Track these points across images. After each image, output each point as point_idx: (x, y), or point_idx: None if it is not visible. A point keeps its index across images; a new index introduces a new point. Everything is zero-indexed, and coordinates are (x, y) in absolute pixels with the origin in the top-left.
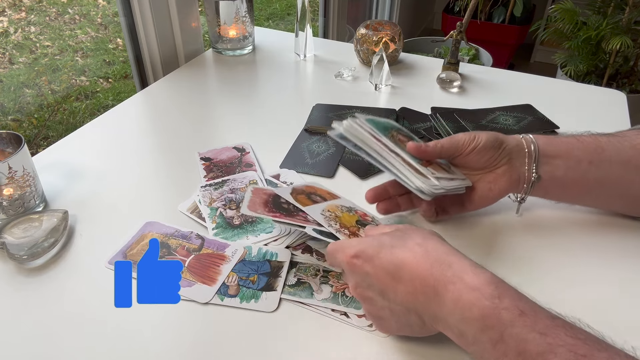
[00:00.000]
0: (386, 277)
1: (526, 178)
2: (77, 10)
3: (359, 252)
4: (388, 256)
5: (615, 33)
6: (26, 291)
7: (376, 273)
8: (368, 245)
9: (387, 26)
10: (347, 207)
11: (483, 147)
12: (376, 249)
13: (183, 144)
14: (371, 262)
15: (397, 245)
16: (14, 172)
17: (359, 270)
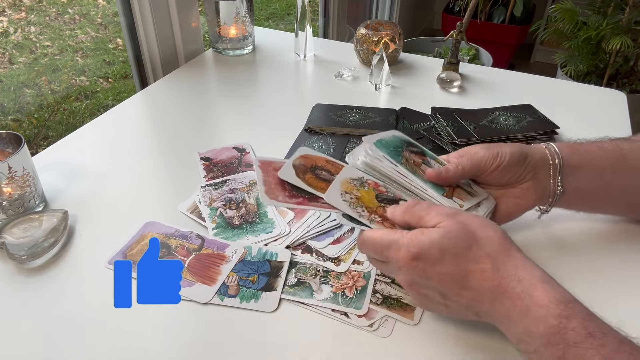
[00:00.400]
0: (450, 283)
1: (551, 191)
2: (77, 10)
3: (420, 255)
4: (453, 265)
5: (616, 33)
6: (26, 291)
7: (440, 279)
8: (429, 247)
9: (387, 26)
10: (357, 178)
11: (507, 165)
12: (439, 254)
13: (183, 144)
14: (434, 267)
15: (463, 254)
16: (14, 172)
17: (419, 273)
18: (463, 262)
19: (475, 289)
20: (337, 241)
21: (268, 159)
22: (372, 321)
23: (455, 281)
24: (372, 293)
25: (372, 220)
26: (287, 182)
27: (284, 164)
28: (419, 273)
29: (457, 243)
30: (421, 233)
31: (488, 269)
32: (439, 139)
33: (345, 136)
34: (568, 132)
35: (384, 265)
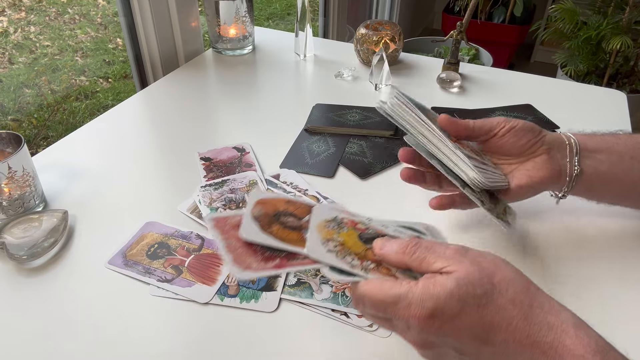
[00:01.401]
0: (471, 339)
1: (568, 171)
2: (77, 10)
3: (436, 313)
4: (475, 318)
5: (616, 33)
6: (26, 291)
7: (459, 335)
8: (446, 300)
9: (387, 26)
10: (331, 219)
11: (520, 129)
12: (458, 306)
13: (183, 144)
14: (452, 322)
15: (484, 304)
16: (13, 172)
17: (435, 331)
18: (486, 313)
19: (500, 343)
20: None
21: (221, 215)
22: None
23: (477, 336)
24: None
25: (366, 268)
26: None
27: (242, 219)
28: (435, 332)
29: (476, 290)
30: (433, 284)
31: (515, 317)
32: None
33: (345, 136)
34: None
35: (385, 323)
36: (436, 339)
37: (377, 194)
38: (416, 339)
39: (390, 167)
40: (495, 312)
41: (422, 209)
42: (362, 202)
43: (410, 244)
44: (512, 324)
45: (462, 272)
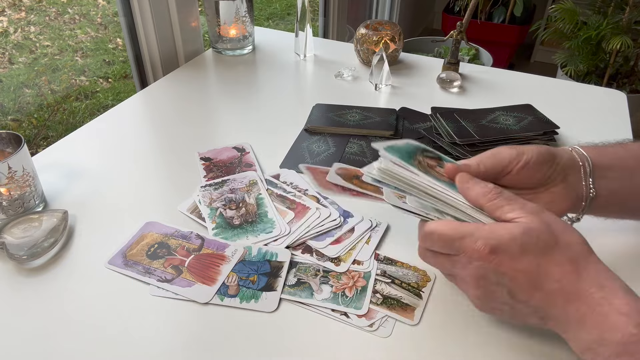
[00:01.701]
0: (525, 283)
1: (584, 195)
2: (77, 10)
3: (498, 248)
4: (532, 265)
5: (616, 33)
6: (26, 291)
7: (515, 276)
8: (509, 241)
9: (387, 26)
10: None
11: (535, 163)
12: (519, 251)
13: (183, 144)
14: (511, 262)
15: (544, 254)
16: (13, 172)
17: (493, 267)
18: (544, 263)
19: (551, 291)
20: (337, 241)
21: (312, 166)
22: (372, 321)
23: (531, 281)
24: (372, 293)
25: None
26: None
27: (328, 171)
28: (494, 268)
29: (539, 243)
30: (501, 227)
31: (569, 271)
32: (439, 139)
33: (345, 136)
34: (568, 132)
35: (446, 259)
36: (493, 276)
37: None
38: (475, 274)
39: None
40: (552, 264)
41: None
42: (362, 202)
43: (495, 190)
44: (565, 277)
45: (530, 224)
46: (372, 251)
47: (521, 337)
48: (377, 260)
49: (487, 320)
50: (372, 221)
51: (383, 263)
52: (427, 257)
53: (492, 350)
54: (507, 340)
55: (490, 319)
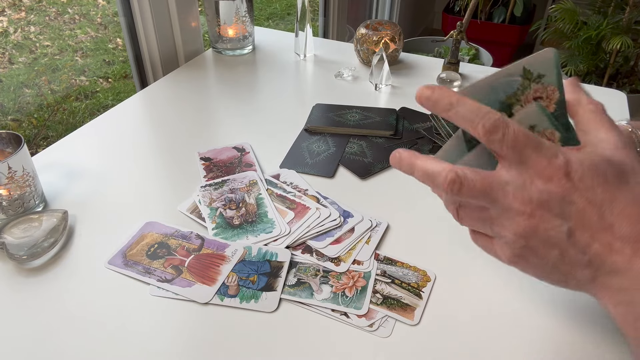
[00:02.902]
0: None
1: None
2: (77, 10)
3: (573, 171)
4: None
5: (616, 33)
6: (26, 291)
7: (584, 209)
8: (587, 166)
9: (387, 26)
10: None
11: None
12: (597, 179)
13: (183, 143)
14: (583, 193)
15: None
16: (13, 172)
17: (561, 193)
18: (620, 200)
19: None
20: (337, 241)
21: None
22: (372, 321)
23: (602, 217)
24: (372, 293)
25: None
26: None
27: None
28: (562, 193)
29: (619, 178)
30: (578, 151)
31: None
32: (439, 139)
33: (345, 136)
34: None
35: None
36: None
37: (377, 194)
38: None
39: (390, 167)
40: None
41: (423, 209)
42: (362, 202)
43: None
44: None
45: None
46: (372, 251)
47: (522, 337)
48: (377, 260)
49: (488, 321)
50: (372, 221)
51: (383, 263)
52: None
53: (492, 350)
54: (507, 340)
55: (490, 319)
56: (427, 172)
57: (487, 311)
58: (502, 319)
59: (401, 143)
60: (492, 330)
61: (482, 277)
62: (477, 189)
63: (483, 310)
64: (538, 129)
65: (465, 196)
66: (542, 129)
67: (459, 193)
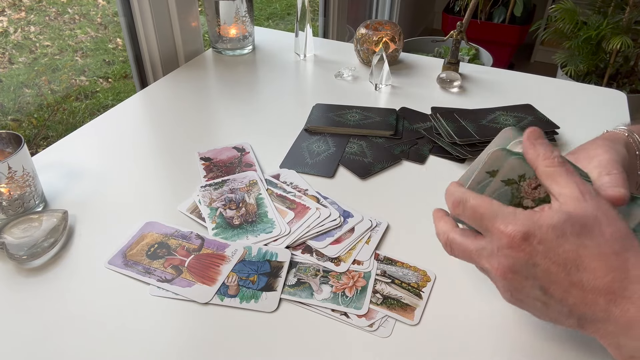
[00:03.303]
0: (561, 278)
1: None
2: (76, 10)
3: (531, 236)
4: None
5: (616, 33)
6: (26, 292)
7: (548, 269)
8: (546, 230)
9: (387, 26)
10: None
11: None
12: (556, 241)
13: (183, 144)
14: (545, 254)
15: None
16: (13, 172)
17: (524, 257)
18: (586, 256)
19: (591, 288)
20: (337, 241)
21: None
22: (372, 321)
23: (568, 276)
24: (372, 293)
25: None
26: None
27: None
28: (525, 258)
29: (582, 232)
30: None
31: (615, 268)
32: (439, 139)
33: (345, 136)
34: (568, 132)
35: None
36: (523, 267)
37: (377, 194)
38: (503, 264)
39: (390, 167)
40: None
41: (423, 209)
42: (362, 202)
43: (558, 158)
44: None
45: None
46: (372, 251)
47: (523, 337)
48: (377, 260)
49: (488, 321)
50: (372, 221)
51: (383, 263)
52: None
53: (492, 351)
54: (508, 340)
55: (490, 319)
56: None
57: (487, 311)
58: (502, 319)
59: (401, 143)
60: (492, 330)
61: (482, 277)
62: (461, 252)
63: (483, 310)
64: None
65: (456, 256)
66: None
67: (452, 253)
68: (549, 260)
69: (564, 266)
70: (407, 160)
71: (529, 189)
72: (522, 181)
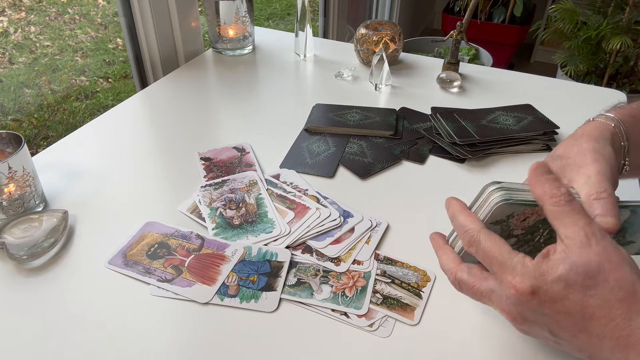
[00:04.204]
0: (568, 325)
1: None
2: (77, 10)
3: (539, 290)
4: (577, 307)
5: (616, 33)
6: (26, 291)
7: (556, 318)
8: (552, 283)
9: (387, 26)
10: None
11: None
12: (563, 292)
13: (183, 144)
14: (553, 305)
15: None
16: (13, 172)
17: (532, 307)
18: (590, 306)
19: (598, 335)
20: (337, 241)
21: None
22: (372, 321)
23: (575, 323)
24: (372, 293)
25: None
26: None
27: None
28: (533, 308)
29: (586, 281)
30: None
31: (619, 316)
32: (439, 139)
33: (345, 136)
34: (568, 132)
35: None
36: (531, 314)
37: (377, 194)
38: (512, 311)
39: (390, 167)
40: (600, 307)
41: (423, 209)
42: (362, 202)
43: (566, 196)
44: (614, 320)
45: (580, 258)
46: (372, 251)
47: (523, 338)
48: (377, 260)
49: (488, 321)
50: (372, 221)
51: (383, 263)
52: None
53: (492, 351)
54: (508, 340)
55: (490, 319)
56: (441, 266)
57: (487, 311)
58: (502, 319)
59: (401, 143)
60: (492, 330)
61: None
62: (471, 292)
63: (483, 310)
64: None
65: (465, 294)
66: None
67: (461, 291)
68: (556, 311)
69: (570, 314)
70: (407, 160)
71: (518, 222)
72: (511, 218)
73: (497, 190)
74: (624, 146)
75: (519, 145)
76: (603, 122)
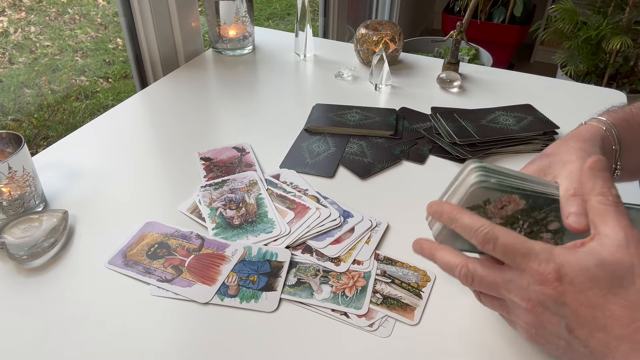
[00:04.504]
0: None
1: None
2: (77, 10)
3: (565, 277)
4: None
5: (616, 33)
6: (26, 291)
7: (577, 310)
8: (578, 272)
9: (387, 26)
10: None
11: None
12: (588, 283)
13: (183, 144)
14: (575, 295)
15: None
16: (13, 172)
17: (555, 296)
18: (613, 302)
19: (616, 335)
20: (337, 241)
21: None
22: (372, 321)
23: (595, 319)
24: (372, 293)
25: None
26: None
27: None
28: (555, 296)
29: (613, 279)
30: (573, 253)
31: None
32: (439, 139)
33: (345, 136)
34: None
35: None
36: (553, 304)
37: (377, 194)
38: (533, 299)
39: (390, 167)
40: (622, 306)
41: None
42: (362, 202)
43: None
44: (636, 323)
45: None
46: (372, 251)
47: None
48: (377, 260)
49: (487, 321)
50: (372, 221)
51: (383, 263)
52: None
53: (492, 351)
54: (507, 341)
55: (490, 319)
56: (446, 264)
57: (487, 311)
58: (502, 319)
59: (401, 143)
60: (492, 330)
61: None
62: (486, 284)
63: (483, 309)
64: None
65: (477, 288)
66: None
67: (472, 285)
68: (578, 302)
69: (592, 309)
70: (407, 160)
71: (496, 210)
72: (488, 204)
73: (475, 170)
74: (615, 150)
75: (519, 145)
76: (594, 126)
